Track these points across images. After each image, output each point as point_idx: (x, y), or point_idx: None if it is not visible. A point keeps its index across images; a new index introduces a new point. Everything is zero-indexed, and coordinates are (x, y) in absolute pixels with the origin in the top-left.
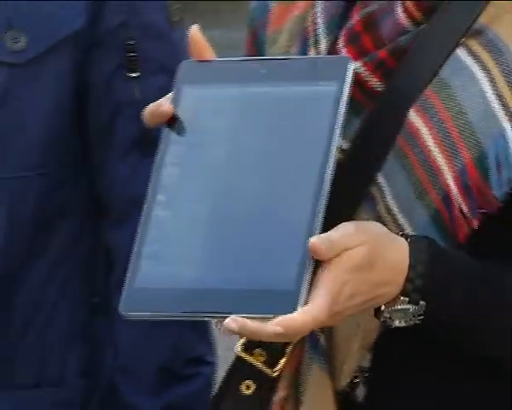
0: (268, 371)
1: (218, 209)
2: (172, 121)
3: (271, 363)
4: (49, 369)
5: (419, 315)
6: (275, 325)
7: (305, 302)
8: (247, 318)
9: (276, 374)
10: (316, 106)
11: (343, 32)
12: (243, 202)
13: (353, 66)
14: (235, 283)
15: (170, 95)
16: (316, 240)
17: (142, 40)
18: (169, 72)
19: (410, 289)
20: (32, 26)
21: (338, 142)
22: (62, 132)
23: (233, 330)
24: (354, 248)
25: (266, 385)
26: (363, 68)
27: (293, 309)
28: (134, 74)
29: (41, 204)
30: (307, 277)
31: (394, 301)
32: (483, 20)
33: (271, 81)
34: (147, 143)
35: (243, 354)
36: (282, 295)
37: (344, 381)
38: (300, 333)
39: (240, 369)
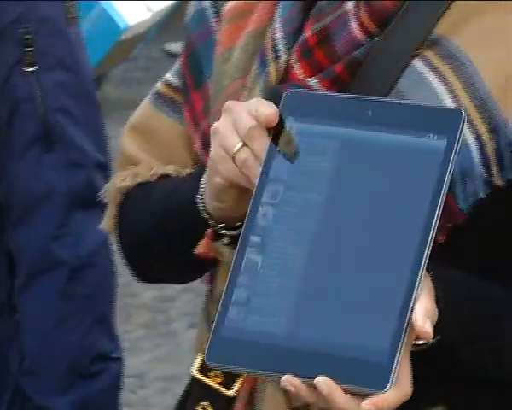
0: (225, 392)
1: (313, 261)
2: (272, 153)
3: (228, 384)
4: None
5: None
6: (369, 405)
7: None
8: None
9: (232, 395)
10: (423, 160)
11: (295, 48)
12: (340, 255)
13: (466, 119)
14: (325, 346)
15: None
16: (427, 324)
17: (39, 35)
18: (65, 67)
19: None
20: None
21: (442, 204)
22: None
23: (322, 392)
24: None
25: (223, 406)
26: (319, 85)
27: (384, 386)
28: (31, 69)
29: None
30: (401, 351)
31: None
32: (440, 30)
33: (378, 125)
34: (46, 137)
35: (199, 376)
36: (374, 367)
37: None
38: None
39: (196, 391)
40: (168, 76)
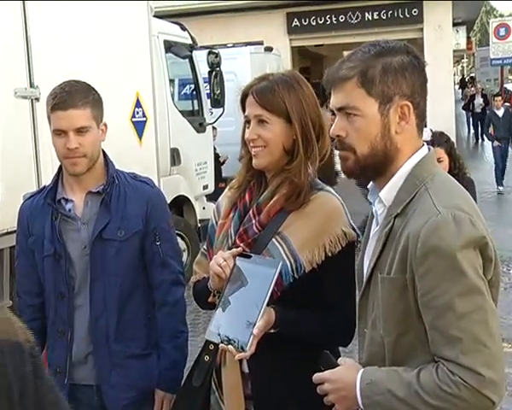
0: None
1: (227, 304)
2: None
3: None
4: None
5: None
6: (238, 357)
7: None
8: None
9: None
10: (268, 273)
11: (237, 234)
12: (236, 302)
13: (281, 264)
14: (228, 331)
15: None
16: (256, 331)
17: (161, 233)
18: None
19: (276, 326)
20: (126, 225)
21: (269, 294)
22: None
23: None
24: None
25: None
26: (241, 245)
27: (245, 350)
28: (158, 243)
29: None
30: (252, 339)
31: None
32: (280, 228)
33: (256, 263)
34: (163, 265)
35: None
36: (241, 344)
37: None
38: None
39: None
40: (204, 246)
